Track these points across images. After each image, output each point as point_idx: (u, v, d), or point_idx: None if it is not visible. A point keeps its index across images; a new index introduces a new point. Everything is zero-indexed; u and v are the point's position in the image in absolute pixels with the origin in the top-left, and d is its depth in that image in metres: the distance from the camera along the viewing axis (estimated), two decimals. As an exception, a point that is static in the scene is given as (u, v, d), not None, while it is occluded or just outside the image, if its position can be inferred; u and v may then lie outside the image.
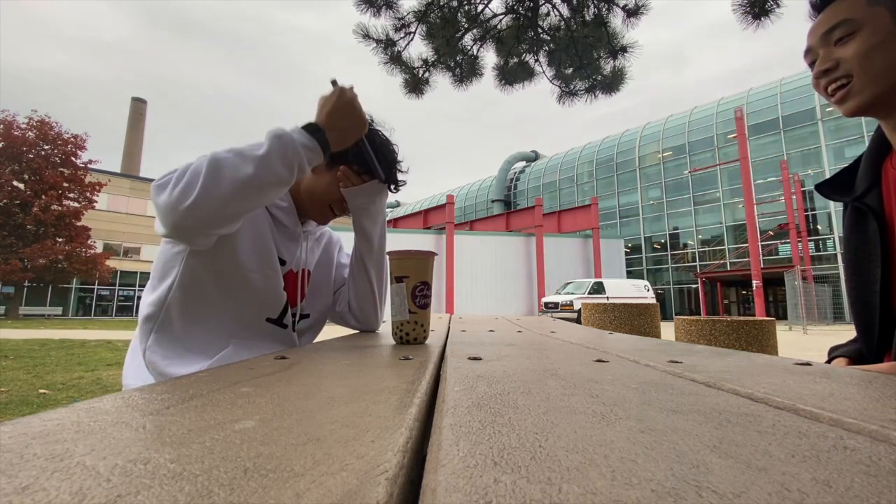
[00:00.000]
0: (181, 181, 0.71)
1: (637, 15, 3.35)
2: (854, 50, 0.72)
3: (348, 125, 0.84)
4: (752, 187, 16.19)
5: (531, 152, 38.28)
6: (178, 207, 0.70)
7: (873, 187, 0.80)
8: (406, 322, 0.79)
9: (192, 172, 0.71)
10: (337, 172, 0.98)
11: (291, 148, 0.75)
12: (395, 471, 0.19)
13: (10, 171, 20.41)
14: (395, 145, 1.03)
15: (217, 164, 0.71)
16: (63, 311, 26.40)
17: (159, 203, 0.72)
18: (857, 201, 0.81)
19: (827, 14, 0.77)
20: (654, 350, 0.69)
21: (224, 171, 0.71)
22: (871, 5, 0.72)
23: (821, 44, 0.77)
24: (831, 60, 0.75)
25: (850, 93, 0.74)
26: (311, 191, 1.00)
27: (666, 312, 23.93)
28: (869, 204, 0.79)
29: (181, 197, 0.70)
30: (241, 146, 0.75)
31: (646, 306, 3.92)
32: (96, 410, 0.28)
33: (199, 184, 0.70)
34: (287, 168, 0.75)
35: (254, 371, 0.44)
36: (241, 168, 0.72)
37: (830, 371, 0.49)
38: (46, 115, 21.53)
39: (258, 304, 0.91)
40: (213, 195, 0.70)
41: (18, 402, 3.15)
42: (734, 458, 0.21)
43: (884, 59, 0.71)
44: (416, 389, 0.37)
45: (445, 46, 3.54)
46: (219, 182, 0.70)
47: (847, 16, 0.73)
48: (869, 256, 0.79)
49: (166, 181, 0.72)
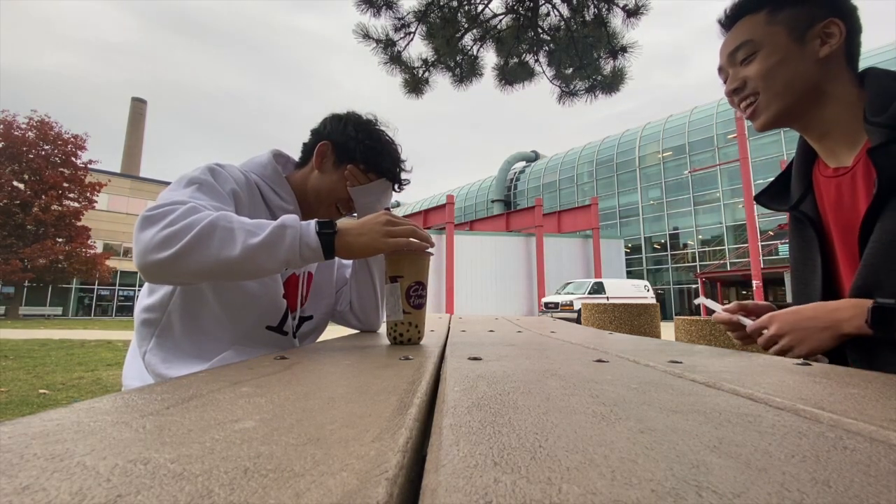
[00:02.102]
0: (169, 228, 0.67)
1: (637, 15, 3.35)
2: (756, 69, 0.77)
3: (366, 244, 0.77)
4: (752, 187, 16.17)
5: (531, 152, 38.30)
6: (153, 256, 0.66)
7: (807, 195, 0.82)
8: (400, 322, 0.79)
9: (184, 226, 0.67)
10: (344, 171, 0.97)
11: (290, 245, 0.71)
12: (395, 471, 0.19)
13: (10, 172, 20.42)
14: (399, 145, 1.04)
15: (210, 230, 0.67)
16: (63, 312, 26.41)
17: (140, 239, 0.67)
18: (794, 210, 0.83)
19: (731, 35, 0.81)
20: (654, 350, 0.69)
21: (213, 241, 0.67)
22: (770, 24, 0.76)
23: (728, 63, 0.82)
24: (738, 80, 0.80)
25: (757, 110, 0.79)
26: (317, 190, 0.99)
27: (666, 312, 23.92)
28: (805, 212, 0.81)
29: (161, 246, 0.66)
30: (248, 221, 0.71)
31: (646, 306, 3.92)
32: (96, 410, 0.28)
33: (182, 242, 0.66)
34: (275, 262, 0.71)
35: (254, 371, 0.44)
36: (229, 247, 0.68)
37: (830, 371, 0.49)
38: (46, 115, 21.57)
39: (257, 312, 0.90)
40: (191, 260, 0.67)
41: (18, 402, 3.15)
42: (734, 458, 0.21)
43: (784, 75, 0.75)
44: (416, 389, 0.37)
45: (445, 46, 3.54)
46: (202, 251, 0.67)
47: (748, 37, 0.78)
48: (810, 264, 0.81)
49: (155, 217, 0.68)
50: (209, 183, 0.81)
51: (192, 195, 0.76)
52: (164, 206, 0.70)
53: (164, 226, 0.67)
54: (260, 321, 0.91)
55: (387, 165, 0.99)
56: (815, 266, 0.80)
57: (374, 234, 0.77)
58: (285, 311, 0.95)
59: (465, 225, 23.68)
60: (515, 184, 36.45)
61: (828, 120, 0.76)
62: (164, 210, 0.69)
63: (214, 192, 0.80)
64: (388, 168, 1.00)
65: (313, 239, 0.73)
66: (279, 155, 1.04)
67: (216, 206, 0.77)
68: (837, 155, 0.77)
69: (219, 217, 0.69)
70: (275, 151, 1.03)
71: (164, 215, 0.68)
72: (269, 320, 0.92)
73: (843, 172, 0.75)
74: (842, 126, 0.75)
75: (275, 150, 1.04)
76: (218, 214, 0.70)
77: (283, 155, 1.06)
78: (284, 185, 0.97)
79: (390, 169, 1.00)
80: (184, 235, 0.66)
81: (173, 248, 0.66)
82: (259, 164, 0.98)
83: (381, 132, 1.01)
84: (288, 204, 0.97)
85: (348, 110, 1.04)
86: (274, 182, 0.96)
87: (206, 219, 0.68)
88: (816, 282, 0.79)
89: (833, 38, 0.73)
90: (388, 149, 1.00)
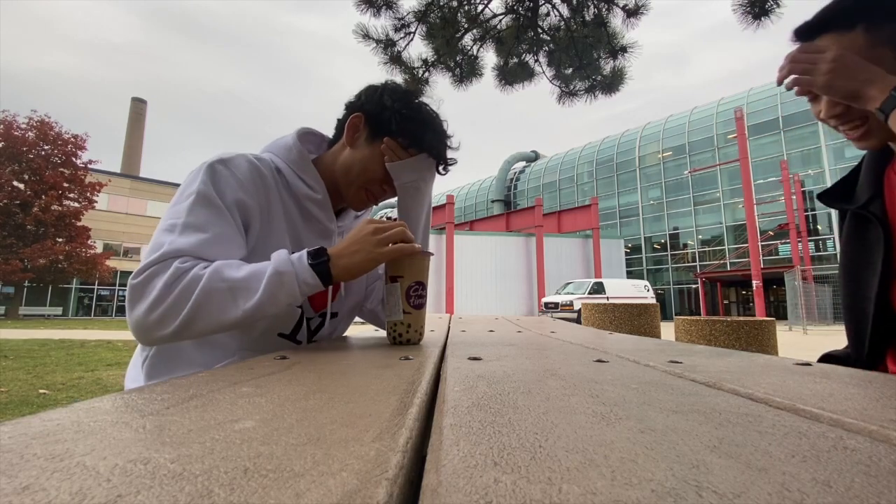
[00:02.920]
0: (162, 306, 0.63)
1: (637, 15, 3.35)
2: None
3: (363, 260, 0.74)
4: (752, 187, 16.19)
5: (531, 152, 38.29)
6: (156, 333, 0.65)
7: (876, 196, 0.79)
8: (400, 322, 0.79)
9: (177, 299, 0.64)
10: (379, 146, 0.86)
11: (289, 290, 0.69)
12: (395, 471, 0.19)
13: (11, 172, 20.44)
14: (445, 120, 0.91)
15: (206, 299, 0.64)
16: (63, 312, 26.42)
17: (133, 317, 0.65)
18: (861, 209, 0.80)
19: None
20: (654, 350, 0.69)
21: (212, 309, 0.65)
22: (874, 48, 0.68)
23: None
24: (839, 106, 0.72)
25: (870, 132, 0.72)
26: (347, 168, 0.87)
27: (666, 312, 23.92)
28: (873, 212, 0.78)
29: (160, 324, 0.64)
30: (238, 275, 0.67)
31: (646, 306, 3.92)
32: (96, 410, 0.28)
33: (181, 318, 0.64)
34: (277, 308, 0.70)
35: (254, 371, 0.44)
36: (230, 310, 0.66)
37: (830, 371, 0.49)
38: (46, 116, 21.58)
39: (269, 320, 0.81)
40: (194, 330, 0.65)
41: (18, 402, 3.15)
42: (734, 458, 0.21)
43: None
44: (416, 389, 0.37)
45: (445, 46, 3.54)
46: (203, 320, 0.65)
47: None
48: (867, 264, 0.78)
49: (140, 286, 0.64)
50: (208, 197, 0.73)
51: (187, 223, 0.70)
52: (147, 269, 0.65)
53: (155, 300, 0.64)
54: (271, 329, 0.84)
55: (430, 139, 0.87)
56: (875, 267, 0.76)
57: (368, 246, 0.73)
58: (299, 318, 0.86)
59: (465, 225, 23.69)
60: (515, 184, 36.45)
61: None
62: (148, 275, 0.65)
63: (212, 207, 0.72)
64: (431, 142, 0.87)
65: (310, 275, 0.70)
66: (308, 135, 0.94)
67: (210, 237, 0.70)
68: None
69: (210, 278, 0.65)
70: (301, 132, 0.92)
71: (150, 286, 0.64)
72: (281, 328, 0.85)
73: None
74: None
75: (301, 130, 0.92)
76: (209, 275, 0.65)
77: (314, 134, 0.95)
78: (311, 171, 0.86)
79: (434, 144, 0.87)
80: (180, 310, 0.64)
81: (173, 326, 0.64)
82: (283, 148, 0.87)
83: (423, 103, 0.90)
84: (315, 192, 0.86)
85: (387, 80, 0.92)
86: (299, 167, 0.85)
87: (198, 287, 0.64)
88: (874, 282, 0.76)
89: None
90: (430, 121, 0.88)
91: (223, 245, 0.71)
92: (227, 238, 0.73)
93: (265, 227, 0.80)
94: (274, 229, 0.81)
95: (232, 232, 0.74)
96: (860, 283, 0.80)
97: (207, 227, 0.70)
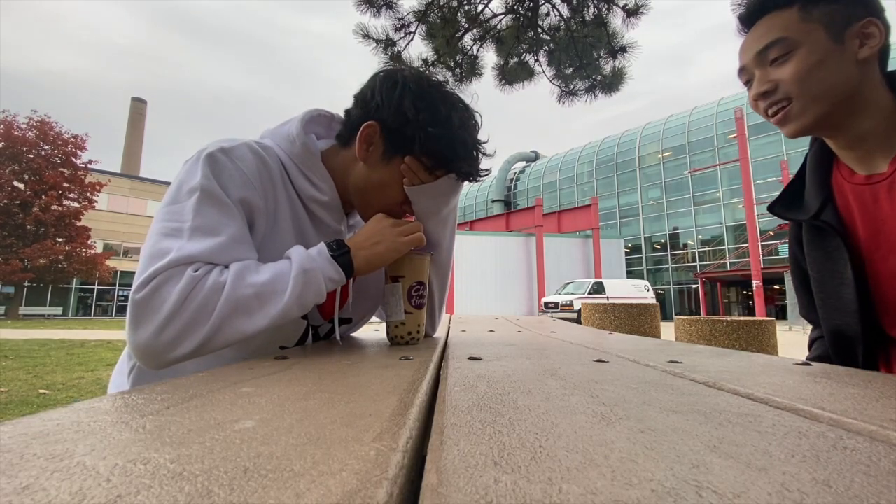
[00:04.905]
0: (177, 319, 0.55)
1: (637, 15, 3.35)
2: (792, 71, 0.69)
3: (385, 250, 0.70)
4: (752, 187, 16.18)
5: (531, 152, 38.32)
6: (165, 356, 0.55)
7: (827, 203, 0.77)
8: (401, 323, 0.79)
9: (197, 310, 0.55)
10: (398, 164, 0.73)
11: (316, 287, 0.64)
12: (395, 471, 0.19)
13: (11, 172, 20.46)
14: (478, 113, 0.77)
15: (232, 308, 0.57)
16: (63, 312, 26.43)
17: (139, 339, 0.55)
18: (815, 220, 0.78)
19: (759, 31, 0.73)
20: (654, 350, 0.69)
21: (238, 318, 0.58)
22: (805, 22, 0.69)
23: (755, 63, 0.74)
24: (769, 83, 0.72)
25: (789, 115, 0.72)
26: (361, 189, 0.76)
27: (666, 312, 23.93)
28: (828, 221, 0.76)
29: (172, 345, 0.55)
30: (262, 278, 0.60)
31: (646, 306, 3.92)
32: (96, 410, 0.28)
33: (201, 334, 0.56)
34: (301, 309, 0.64)
35: (254, 371, 0.44)
36: (256, 319, 0.59)
37: (830, 371, 0.49)
38: (46, 116, 21.62)
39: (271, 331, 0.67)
40: (214, 345, 0.57)
41: (18, 402, 3.15)
42: (734, 458, 0.21)
43: (823, 79, 0.68)
44: (416, 389, 0.37)
45: (445, 46, 3.54)
46: (226, 333, 0.58)
47: (781, 34, 0.70)
48: (838, 277, 0.76)
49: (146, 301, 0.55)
50: (214, 193, 0.63)
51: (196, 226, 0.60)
52: (152, 280, 0.55)
53: (168, 317, 0.54)
54: (272, 341, 0.75)
55: (461, 158, 0.73)
56: (844, 278, 0.74)
57: (389, 237, 0.69)
58: (305, 330, 0.79)
59: (465, 225, 23.69)
60: (515, 184, 36.47)
61: (865, 127, 0.70)
62: (154, 286, 0.55)
63: (220, 205, 0.63)
64: (462, 163, 0.74)
65: (334, 269, 0.65)
66: (317, 118, 0.80)
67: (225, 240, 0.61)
68: (870, 162, 0.72)
69: (234, 285, 0.58)
70: (307, 117, 0.78)
71: (158, 300, 0.55)
72: (283, 340, 0.77)
73: (878, 179, 0.71)
74: (879, 132, 0.70)
75: (308, 116, 0.79)
76: (232, 281, 0.58)
77: (323, 116, 0.82)
78: (318, 169, 0.75)
79: (464, 165, 0.74)
80: (201, 324, 0.56)
81: (192, 344, 0.56)
82: (286, 139, 0.75)
83: (453, 104, 0.73)
84: (322, 194, 0.75)
85: (404, 69, 0.77)
86: (304, 163, 0.74)
87: (222, 296, 0.57)
88: (849, 294, 0.74)
89: (873, 39, 0.68)
90: (462, 134, 0.73)
91: (239, 248, 0.63)
92: (242, 239, 0.64)
93: (271, 227, 0.71)
94: (280, 230, 0.72)
95: (244, 231, 0.65)
96: (836, 298, 0.77)
97: (220, 230, 0.61)
